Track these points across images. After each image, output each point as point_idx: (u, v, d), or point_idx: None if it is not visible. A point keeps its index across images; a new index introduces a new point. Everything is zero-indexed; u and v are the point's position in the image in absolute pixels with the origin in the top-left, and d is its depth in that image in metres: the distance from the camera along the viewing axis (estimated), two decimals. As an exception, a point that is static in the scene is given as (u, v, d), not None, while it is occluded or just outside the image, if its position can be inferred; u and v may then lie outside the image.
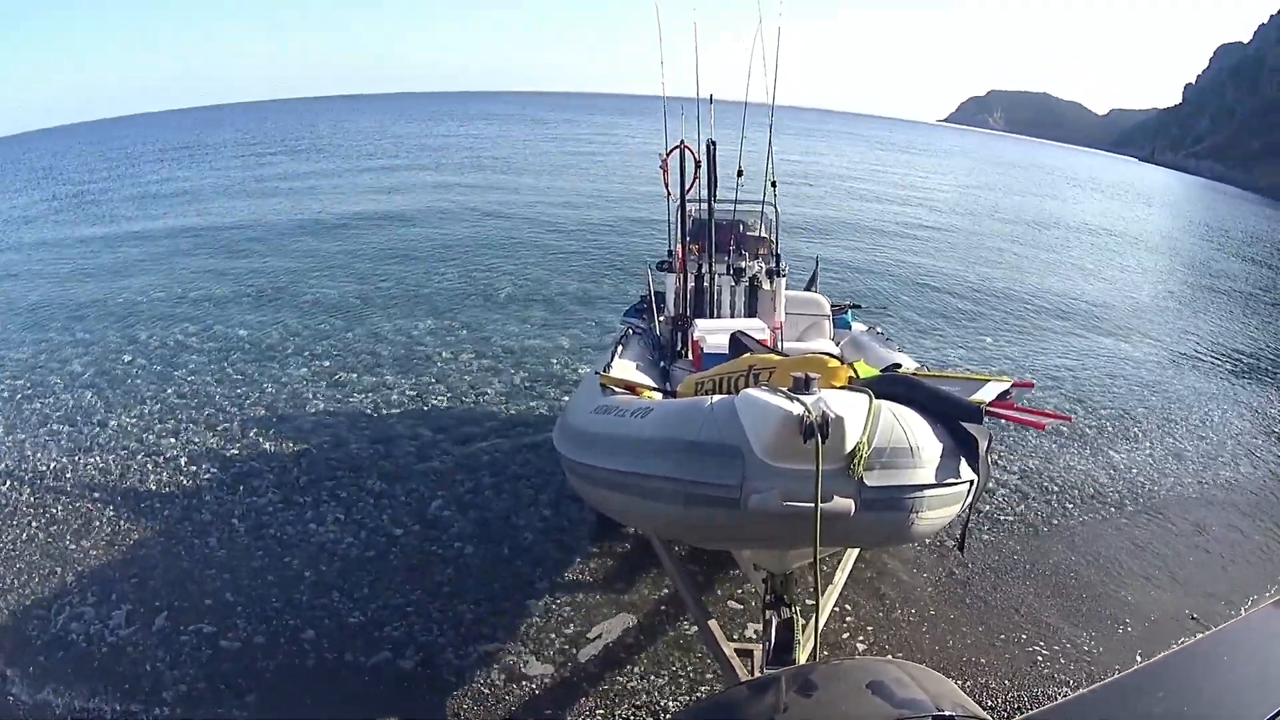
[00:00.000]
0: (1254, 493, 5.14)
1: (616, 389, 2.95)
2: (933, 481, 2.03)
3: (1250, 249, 19.45)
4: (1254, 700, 0.79)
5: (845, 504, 1.89)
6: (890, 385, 2.33)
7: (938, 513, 2.09)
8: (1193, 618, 3.63)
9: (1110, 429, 5.92)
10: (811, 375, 2.01)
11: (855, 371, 2.66)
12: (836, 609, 3.26)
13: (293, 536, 3.88)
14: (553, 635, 3.24)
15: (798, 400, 1.91)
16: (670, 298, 4.44)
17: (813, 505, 1.84)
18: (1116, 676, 0.80)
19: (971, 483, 2.17)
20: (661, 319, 4.47)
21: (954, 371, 4.04)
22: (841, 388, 2.28)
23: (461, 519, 4.08)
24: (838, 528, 1.92)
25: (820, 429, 1.84)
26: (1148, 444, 5.74)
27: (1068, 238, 17.13)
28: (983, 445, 2.18)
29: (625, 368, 3.50)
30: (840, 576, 3.15)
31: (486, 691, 2.93)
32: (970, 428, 2.19)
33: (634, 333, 4.24)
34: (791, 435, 1.86)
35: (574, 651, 3.16)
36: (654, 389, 3.28)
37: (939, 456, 2.07)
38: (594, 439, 2.52)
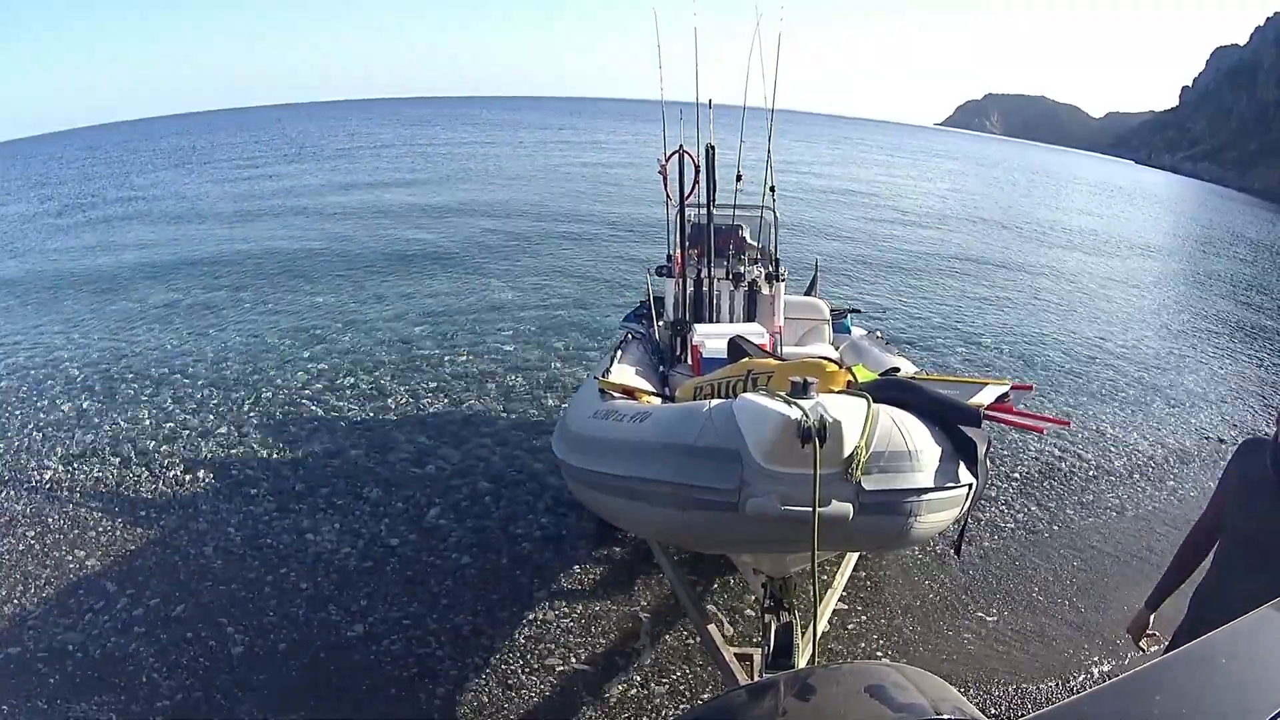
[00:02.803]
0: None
1: (615, 394, 2.94)
2: (931, 485, 2.02)
3: (1242, 249, 19.50)
4: (1252, 703, 0.78)
5: (843, 508, 1.88)
6: (888, 389, 2.32)
7: (936, 516, 2.08)
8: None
9: (1111, 432, 5.92)
10: (810, 379, 2.00)
11: (854, 375, 2.66)
12: (836, 613, 3.25)
13: (289, 546, 3.86)
14: (552, 644, 3.22)
15: (795, 404, 1.90)
16: (669, 302, 4.44)
17: (811, 509, 1.83)
18: (1113, 680, 0.79)
19: (970, 486, 2.16)
20: (661, 324, 4.47)
21: (952, 375, 4.04)
22: (840, 392, 2.27)
23: (459, 527, 4.06)
24: (836, 532, 1.91)
25: (818, 433, 1.83)
26: (1149, 446, 5.73)
27: (1065, 239, 17.17)
28: (981, 449, 2.17)
29: (624, 372, 3.49)
30: (839, 580, 3.13)
31: (486, 702, 2.91)
32: (969, 431, 2.17)
33: (633, 337, 4.24)
34: (789, 439, 1.85)
35: (573, 660, 3.14)
36: (653, 394, 3.28)
37: (938, 460, 2.06)
38: (593, 444, 2.51)
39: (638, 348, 4.05)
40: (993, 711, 2.96)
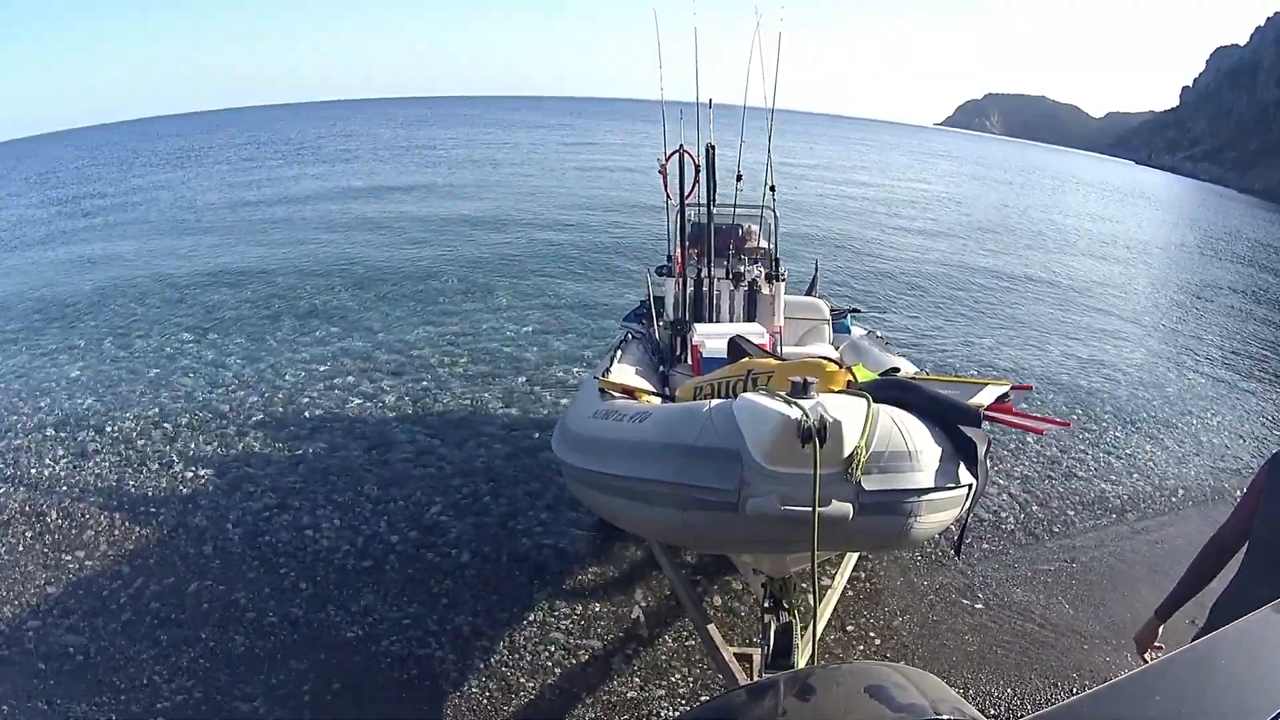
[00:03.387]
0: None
1: (616, 393, 2.94)
2: (931, 485, 2.02)
3: (1241, 248, 19.50)
4: (1251, 704, 0.78)
5: (843, 508, 1.88)
6: (888, 389, 2.32)
7: (936, 517, 2.08)
8: (1192, 623, 3.61)
9: (1111, 433, 5.91)
10: (810, 379, 2.00)
11: (854, 375, 2.65)
12: (835, 613, 3.25)
13: (289, 545, 3.85)
14: (552, 645, 3.22)
15: (795, 404, 1.90)
16: (669, 302, 4.44)
17: (811, 509, 1.83)
18: (1113, 681, 0.79)
19: (970, 486, 2.16)
20: (661, 323, 4.47)
21: (953, 375, 4.04)
22: (840, 392, 2.27)
23: (459, 525, 4.06)
24: (836, 532, 1.91)
25: (818, 433, 1.83)
26: (1149, 448, 5.73)
27: (1065, 241, 17.17)
28: (981, 449, 2.17)
29: (624, 372, 3.49)
30: (839, 581, 3.14)
31: (486, 702, 2.91)
32: (969, 431, 2.17)
33: (633, 337, 4.24)
34: (789, 439, 1.85)
35: (572, 661, 3.14)
36: (653, 393, 3.28)
37: (937, 460, 2.06)
38: (593, 443, 2.51)
39: (638, 347, 4.04)
40: (993, 711, 2.96)
